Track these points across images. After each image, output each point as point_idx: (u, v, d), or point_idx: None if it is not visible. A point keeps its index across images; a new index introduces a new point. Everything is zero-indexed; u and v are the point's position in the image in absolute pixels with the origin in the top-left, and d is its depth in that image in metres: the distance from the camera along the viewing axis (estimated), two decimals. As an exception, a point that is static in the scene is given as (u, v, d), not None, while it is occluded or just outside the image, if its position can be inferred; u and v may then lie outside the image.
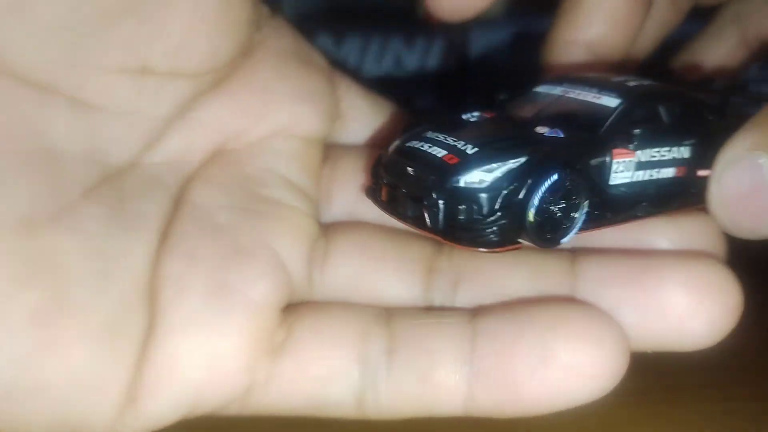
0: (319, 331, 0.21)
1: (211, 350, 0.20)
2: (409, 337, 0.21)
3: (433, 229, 0.20)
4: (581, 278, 0.21)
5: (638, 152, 0.21)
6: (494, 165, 0.20)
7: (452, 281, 0.22)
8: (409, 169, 0.21)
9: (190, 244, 0.20)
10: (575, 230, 0.21)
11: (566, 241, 0.21)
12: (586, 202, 0.20)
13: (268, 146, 0.23)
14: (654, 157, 0.22)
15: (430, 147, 0.21)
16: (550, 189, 0.20)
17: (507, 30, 0.47)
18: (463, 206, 0.20)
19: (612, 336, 0.19)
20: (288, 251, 0.22)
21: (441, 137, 0.21)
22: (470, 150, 0.20)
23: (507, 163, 0.20)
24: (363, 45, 0.43)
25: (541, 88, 0.24)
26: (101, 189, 0.19)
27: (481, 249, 0.20)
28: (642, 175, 0.22)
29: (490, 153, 0.20)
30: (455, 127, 0.22)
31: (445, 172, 0.20)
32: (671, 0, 0.30)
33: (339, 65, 0.27)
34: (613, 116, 0.21)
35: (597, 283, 0.21)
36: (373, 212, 0.24)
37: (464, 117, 0.23)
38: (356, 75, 0.27)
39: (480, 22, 0.46)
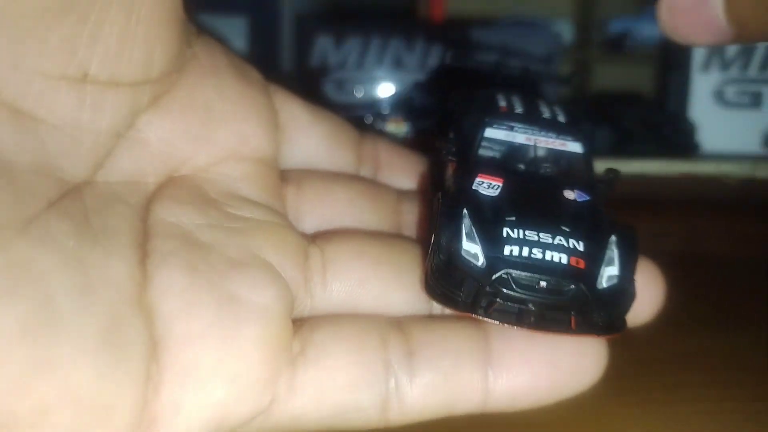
0: (342, 338, 0.21)
1: (232, 362, 0.19)
2: (426, 340, 0.21)
3: (584, 332, 0.21)
4: None
5: None
6: (608, 257, 0.21)
7: None
8: (543, 283, 0.20)
9: (184, 258, 0.20)
10: None
11: None
12: None
13: (221, 172, 0.23)
14: None
15: (542, 252, 0.21)
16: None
17: (508, 29, 0.47)
18: (610, 305, 0.21)
19: None
20: (279, 262, 0.21)
21: (533, 234, 0.21)
22: (579, 245, 0.21)
23: (612, 250, 0.21)
24: (363, 45, 0.44)
25: (492, 134, 0.24)
26: (63, 204, 0.18)
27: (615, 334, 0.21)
28: None
29: (593, 245, 0.21)
30: (525, 213, 0.21)
31: (586, 278, 0.20)
32: None
33: (339, 66, 0.27)
34: (589, 167, 0.23)
35: None
36: (351, 221, 0.25)
37: (486, 192, 0.22)
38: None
39: (480, 21, 0.46)
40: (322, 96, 0.44)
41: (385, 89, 0.44)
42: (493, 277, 0.20)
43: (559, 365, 0.21)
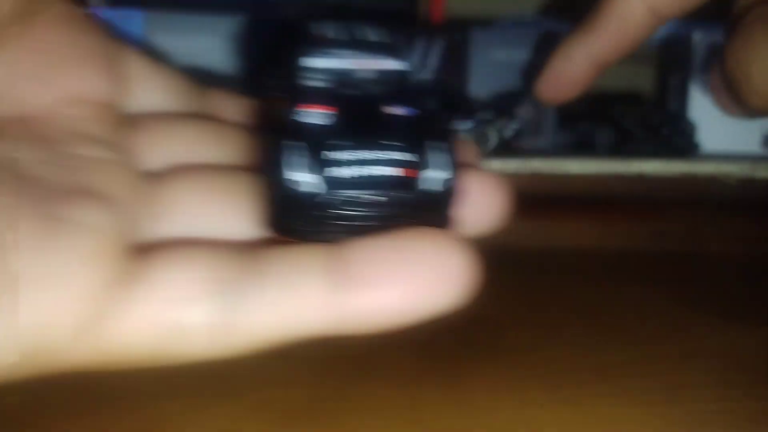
0: (181, 255, 0.20)
1: (57, 264, 0.18)
2: (272, 258, 0.20)
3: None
4: None
5: None
6: (429, 161, 0.21)
7: None
8: (375, 197, 0.21)
9: (9, 186, 0.19)
10: None
11: None
12: None
13: (62, 113, 0.23)
14: None
15: (369, 168, 0.21)
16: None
17: (508, 30, 0.47)
18: (435, 205, 0.22)
19: (463, 245, 0.20)
20: (112, 193, 0.21)
21: (359, 154, 0.21)
22: (401, 155, 0.21)
23: (432, 154, 0.22)
24: (363, 45, 0.43)
25: (311, 62, 0.24)
26: None
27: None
28: None
29: (414, 153, 0.21)
30: (347, 135, 0.22)
31: (412, 185, 0.21)
32: None
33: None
34: (412, 82, 0.24)
35: None
36: (198, 158, 0.25)
37: (308, 120, 0.22)
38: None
39: (480, 22, 0.46)
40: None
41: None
42: (328, 201, 0.21)
43: (421, 279, 0.20)
